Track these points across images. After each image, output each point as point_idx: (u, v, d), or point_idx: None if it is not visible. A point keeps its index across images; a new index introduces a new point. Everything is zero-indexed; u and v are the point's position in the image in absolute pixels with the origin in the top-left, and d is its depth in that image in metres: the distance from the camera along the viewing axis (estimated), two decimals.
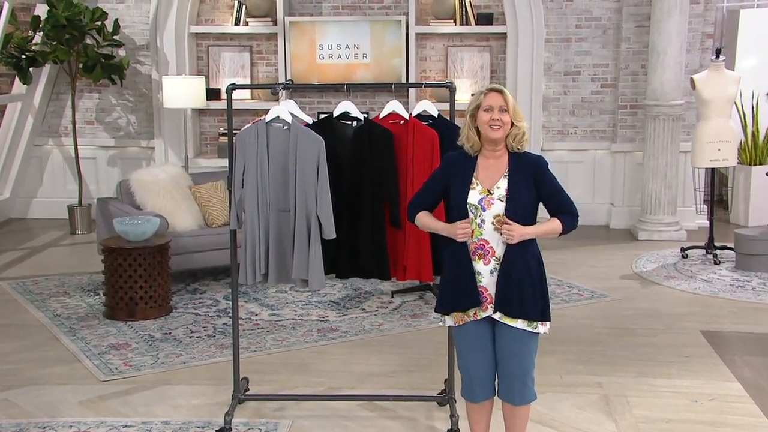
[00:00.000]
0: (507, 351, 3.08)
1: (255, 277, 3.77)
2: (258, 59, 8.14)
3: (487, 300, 3.06)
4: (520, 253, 3.03)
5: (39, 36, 7.64)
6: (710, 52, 7.39)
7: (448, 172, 3.13)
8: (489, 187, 3.05)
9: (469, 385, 3.19)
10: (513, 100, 3.06)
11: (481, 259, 3.04)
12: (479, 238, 3.04)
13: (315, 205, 3.65)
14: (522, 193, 3.03)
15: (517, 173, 3.06)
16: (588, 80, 7.92)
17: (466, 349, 3.14)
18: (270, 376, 4.43)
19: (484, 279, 3.04)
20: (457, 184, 3.08)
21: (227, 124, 3.90)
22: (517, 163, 3.08)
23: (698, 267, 6.57)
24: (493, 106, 3.03)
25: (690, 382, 4.34)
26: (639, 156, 7.81)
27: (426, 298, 5.78)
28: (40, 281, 6.22)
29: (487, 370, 3.14)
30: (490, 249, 3.03)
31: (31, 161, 8.37)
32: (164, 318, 5.36)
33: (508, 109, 3.04)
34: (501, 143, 3.08)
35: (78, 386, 4.30)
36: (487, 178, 3.07)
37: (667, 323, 5.27)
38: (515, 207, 3.02)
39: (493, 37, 7.92)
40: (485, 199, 3.04)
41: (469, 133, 3.10)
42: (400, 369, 4.55)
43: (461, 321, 3.11)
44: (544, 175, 3.09)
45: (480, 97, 3.08)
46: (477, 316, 3.08)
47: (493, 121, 3.03)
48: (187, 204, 6.16)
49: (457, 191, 3.07)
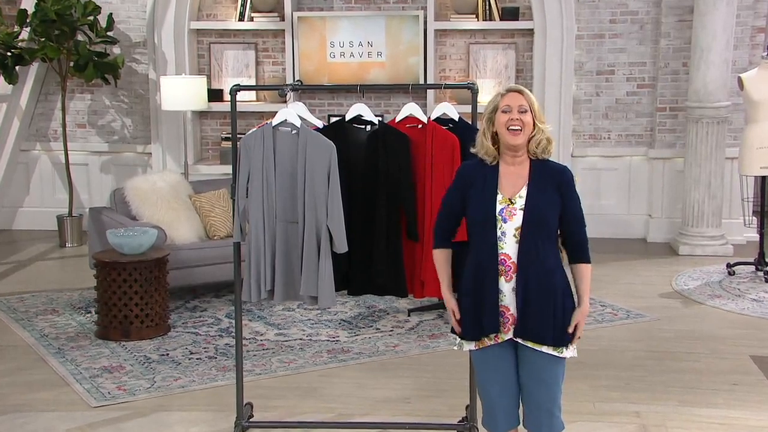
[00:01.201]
0: (532, 377, 3.07)
1: (260, 294, 3.79)
2: (264, 58, 8.20)
3: (509, 321, 3.04)
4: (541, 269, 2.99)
5: (26, 31, 7.73)
6: (761, 48, 7.38)
7: (465, 183, 3.08)
8: (510, 196, 3.02)
9: (491, 413, 3.17)
10: (535, 101, 3.03)
11: (501, 276, 3.01)
12: (500, 252, 2.99)
13: (325, 216, 3.67)
14: (543, 204, 2.99)
15: (540, 182, 3.02)
16: (623, 80, 7.92)
17: (486, 375, 3.13)
18: (276, 402, 4.45)
19: (506, 298, 3.02)
20: (477, 194, 3.04)
21: (231, 127, 3.93)
22: (541, 171, 3.04)
23: (747, 285, 6.54)
24: (511, 106, 2.99)
25: (738, 413, 4.31)
26: (679, 163, 7.80)
27: (446, 316, 5.79)
28: (27, 298, 6.28)
29: (510, 397, 3.13)
30: (512, 264, 2.99)
31: (17, 168, 8.46)
32: (161, 338, 5.40)
33: (529, 109, 3.00)
34: (522, 149, 3.03)
35: (67, 413, 4.33)
36: (508, 187, 3.03)
37: (712, 347, 5.25)
38: (536, 220, 2.97)
39: (518, 33, 7.95)
40: (506, 209, 3.01)
41: (482, 139, 3.05)
42: (417, 394, 4.56)
43: (482, 344, 3.10)
44: (569, 189, 3.05)
45: (497, 99, 3.04)
46: (498, 339, 3.06)
47: (512, 122, 2.98)
48: (187, 214, 6.21)
49: (480, 203, 3.03)
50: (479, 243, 3.03)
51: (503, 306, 3.03)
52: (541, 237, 2.99)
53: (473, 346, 3.12)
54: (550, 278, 3.01)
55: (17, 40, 7.67)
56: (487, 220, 3.01)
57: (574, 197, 3.06)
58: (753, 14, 7.70)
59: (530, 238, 2.98)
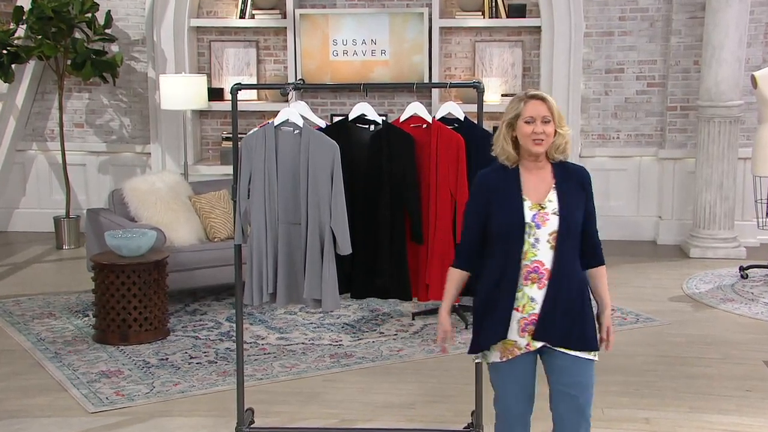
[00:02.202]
0: (572, 383, 3.05)
1: (261, 297, 3.80)
2: (265, 56, 8.22)
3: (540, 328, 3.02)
4: (569, 274, 3.02)
5: (22, 29, 7.75)
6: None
7: (487, 194, 3.04)
8: (539, 201, 3.01)
9: (508, 425, 3.16)
10: (557, 107, 3.03)
11: (534, 284, 3.00)
12: (533, 260, 2.98)
13: (329, 217, 3.68)
14: (574, 206, 3.02)
15: (566, 184, 3.04)
16: (633, 79, 7.93)
17: (509, 385, 3.10)
18: (278, 407, 4.45)
19: (538, 306, 3.00)
20: (502, 202, 3.01)
21: (232, 127, 3.94)
22: (564, 173, 3.07)
23: (761, 289, 6.54)
24: (535, 117, 2.99)
25: (751, 420, 4.31)
26: (691, 163, 7.80)
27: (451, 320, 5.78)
28: (23, 301, 6.30)
29: (527, 406, 3.15)
30: (546, 271, 2.98)
31: (12, 168, 8.48)
32: (161, 342, 5.41)
33: (552, 119, 3.00)
34: (542, 154, 3.06)
35: (64, 419, 4.34)
36: (534, 191, 3.02)
37: (724, 352, 5.25)
38: (569, 222, 3.01)
39: (525, 30, 7.95)
40: (538, 214, 2.99)
41: (503, 144, 3.05)
42: (421, 399, 4.56)
43: (510, 355, 3.06)
44: (589, 189, 3.09)
45: (520, 106, 3.02)
46: (530, 347, 3.05)
47: (536, 135, 2.99)
48: (187, 216, 6.22)
49: (507, 211, 3.00)
50: (504, 251, 3.01)
51: (534, 314, 3.01)
52: (573, 240, 3.02)
53: (498, 357, 3.09)
54: (580, 281, 3.05)
55: (13, 37, 7.68)
56: (516, 228, 2.99)
57: (591, 197, 3.11)
58: (767, 11, 7.69)
59: (565, 242, 3.00)
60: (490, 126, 7.80)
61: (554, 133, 3.02)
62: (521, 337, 3.04)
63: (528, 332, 3.03)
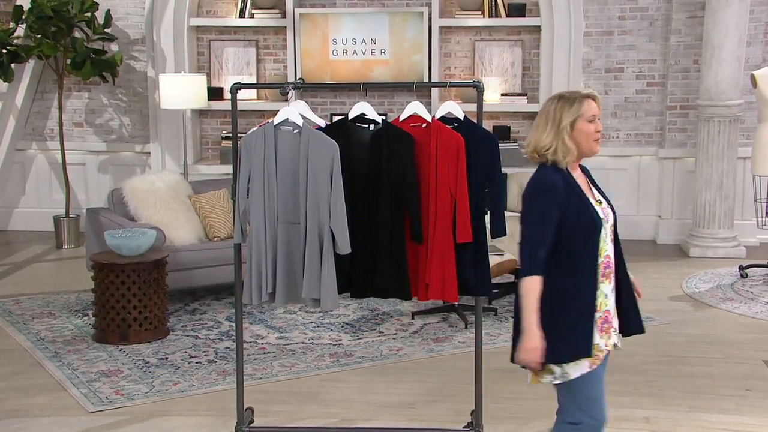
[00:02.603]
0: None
1: (261, 297, 3.80)
2: (265, 55, 8.22)
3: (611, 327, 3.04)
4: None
5: (22, 28, 7.76)
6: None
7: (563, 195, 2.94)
8: (595, 197, 3.07)
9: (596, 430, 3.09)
10: None
11: (607, 279, 3.02)
12: (605, 255, 3.00)
13: (328, 216, 3.68)
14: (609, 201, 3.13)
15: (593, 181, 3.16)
16: (632, 78, 7.93)
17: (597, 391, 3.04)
18: (277, 406, 4.46)
19: (609, 301, 3.03)
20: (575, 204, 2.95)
21: (231, 127, 3.95)
22: (588, 172, 3.17)
23: (760, 288, 6.54)
24: (596, 116, 3.02)
25: (752, 420, 4.31)
26: (690, 163, 7.80)
27: (450, 320, 5.80)
28: (23, 301, 6.30)
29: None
30: (612, 264, 3.04)
31: (12, 167, 8.48)
32: (160, 341, 5.41)
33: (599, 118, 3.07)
34: None
35: (64, 418, 4.35)
36: (587, 189, 3.07)
37: (724, 351, 5.25)
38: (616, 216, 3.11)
39: (525, 30, 7.95)
40: (602, 210, 3.04)
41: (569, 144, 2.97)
42: (421, 399, 4.57)
43: (598, 360, 3.00)
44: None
45: (580, 106, 2.98)
46: (608, 347, 3.04)
47: (598, 134, 3.03)
48: (187, 215, 6.22)
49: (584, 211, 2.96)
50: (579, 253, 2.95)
51: (607, 310, 3.02)
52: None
53: (587, 366, 2.98)
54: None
55: (13, 36, 7.69)
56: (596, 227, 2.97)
57: None
58: (767, 10, 7.69)
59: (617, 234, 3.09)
60: (489, 125, 7.82)
61: None
62: (601, 338, 3.01)
63: (604, 331, 3.01)
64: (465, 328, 5.61)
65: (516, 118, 8.03)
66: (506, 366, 4.82)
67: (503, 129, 7.88)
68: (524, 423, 4.26)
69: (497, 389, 4.58)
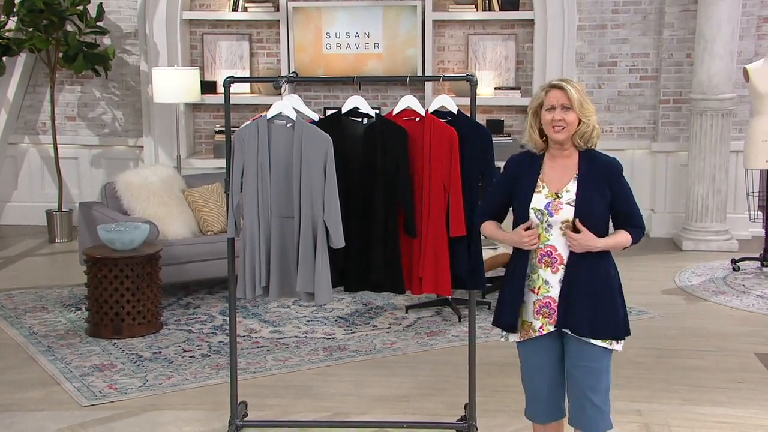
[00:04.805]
0: (575, 366, 3.15)
1: (255, 291, 3.80)
2: (258, 49, 8.20)
3: (554, 313, 3.12)
4: (591, 260, 3.09)
5: (13, 21, 7.72)
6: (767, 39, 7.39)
7: (513, 175, 3.21)
8: (557, 190, 3.12)
9: (533, 404, 3.29)
10: (578, 95, 3.09)
11: (548, 267, 3.12)
12: (546, 244, 3.12)
13: (321, 210, 3.68)
14: (593, 199, 3.10)
15: (589, 176, 3.12)
16: (626, 72, 7.93)
17: (530, 365, 3.24)
18: (271, 400, 4.46)
19: (552, 289, 3.12)
20: (522, 187, 3.16)
21: (224, 120, 3.94)
22: (589, 165, 3.14)
23: (752, 281, 6.57)
24: (555, 105, 3.08)
25: (743, 412, 4.33)
26: (683, 156, 7.81)
27: (444, 313, 5.81)
28: (15, 295, 6.28)
29: (553, 388, 3.23)
30: (558, 256, 3.11)
31: (4, 161, 8.45)
32: (154, 335, 5.41)
33: (572, 107, 3.08)
34: (567, 142, 3.14)
35: (57, 412, 4.34)
36: (555, 180, 3.14)
37: (716, 344, 5.27)
38: (586, 214, 3.08)
39: (519, 24, 7.95)
40: (552, 203, 3.11)
41: (530, 132, 3.17)
42: (415, 392, 4.57)
43: (526, 336, 3.19)
44: (618, 181, 3.16)
45: (542, 95, 3.13)
46: (543, 331, 3.14)
47: (556, 122, 3.08)
48: (180, 209, 6.21)
49: (521, 195, 3.15)
50: None
51: (550, 297, 3.12)
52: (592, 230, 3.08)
53: (518, 337, 3.20)
54: (598, 271, 3.11)
55: (4, 30, 7.65)
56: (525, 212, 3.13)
57: (623, 189, 3.19)
58: (759, 3, 7.71)
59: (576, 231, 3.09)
60: (483, 119, 7.82)
61: (578, 121, 3.10)
62: (536, 319, 3.15)
63: (543, 314, 3.13)
64: (458, 321, 5.62)
65: (509, 111, 8.03)
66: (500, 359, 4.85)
67: (497, 123, 7.88)
68: (517, 416, 4.25)
69: (490, 383, 4.59)
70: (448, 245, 3.80)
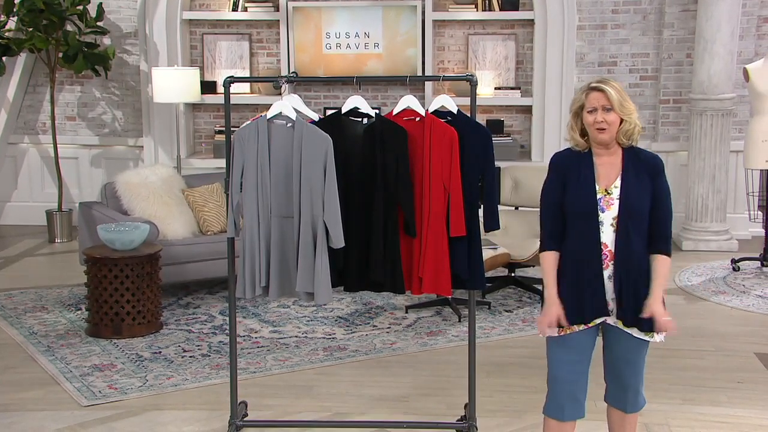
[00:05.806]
0: (621, 358, 3.27)
1: (254, 291, 3.80)
2: (258, 49, 8.20)
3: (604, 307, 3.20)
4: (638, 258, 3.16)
5: (13, 21, 7.72)
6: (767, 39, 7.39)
7: (562, 174, 3.22)
8: (606, 187, 3.18)
9: (558, 401, 3.28)
10: (618, 95, 3.15)
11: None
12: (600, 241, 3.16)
13: (321, 210, 3.68)
14: (638, 194, 3.16)
15: (633, 171, 3.18)
16: (626, 72, 7.93)
17: (565, 359, 3.24)
18: (271, 400, 4.46)
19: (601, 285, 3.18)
20: (575, 185, 3.18)
21: (224, 120, 3.94)
22: (634, 160, 3.21)
23: (752, 281, 6.57)
24: (596, 107, 3.15)
25: (743, 412, 4.34)
26: (683, 156, 7.81)
27: (444, 313, 5.81)
28: (15, 295, 6.29)
29: (581, 386, 3.27)
30: (609, 253, 3.16)
31: (4, 161, 8.46)
32: (154, 335, 5.41)
33: (613, 108, 3.13)
34: (611, 141, 3.19)
35: (57, 412, 4.34)
36: (604, 177, 3.19)
37: (716, 344, 5.28)
38: (630, 209, 3.14)
39: (519, 24, 7.95)
40: (604, 199, 3.17)
41: (572, 133, 3.24)
42: (415, 392, 4.58)
43: (566, 330, 3.22)
44: (659, 178, 3.22)
45: (582, 97, 3.20)
46: (588, 324, 3.20)
47: (598, 123, 3.14)
48: (180, 209, 6.21)
49: (577, 193, 3.17)
50: (578, 233, 3.18)
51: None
52: (635, 225, 3.15)
53: (555, 332, 3.22)
54: (642, 266, 3.17)
55: (4, 29, 7.65)
56: (588, 212, 3.16)
57: (663, 187, 3.23)
58: (759, 3, 7.71)
59: (625, 227, 3.15)
60: (483, 119, 7.82)
61: (620, 120, 3.16)
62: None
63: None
64: (458, 321, 5.62)
65: (509, 111, 8.03)
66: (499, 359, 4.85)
67: (497, 123, 7.88)
68: (517, 416, 4.27)
69: (490, 383, 4.60)
70: (448, 245, 3.81)
